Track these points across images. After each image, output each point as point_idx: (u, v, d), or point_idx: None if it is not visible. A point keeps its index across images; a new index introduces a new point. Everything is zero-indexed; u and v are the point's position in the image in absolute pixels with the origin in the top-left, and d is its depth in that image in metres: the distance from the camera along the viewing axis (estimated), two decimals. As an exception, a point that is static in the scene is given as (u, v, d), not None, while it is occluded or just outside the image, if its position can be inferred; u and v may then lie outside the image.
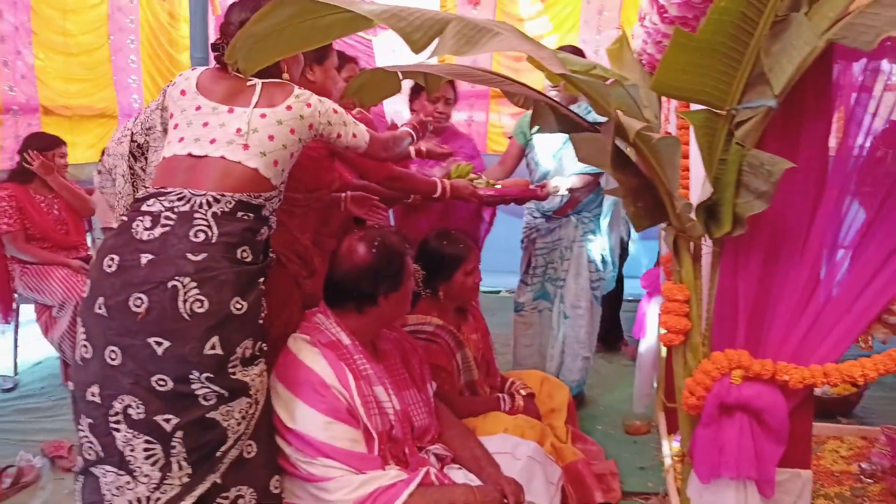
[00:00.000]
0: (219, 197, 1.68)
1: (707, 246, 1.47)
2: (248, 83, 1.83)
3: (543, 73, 2.01)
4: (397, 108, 5.50)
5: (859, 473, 2.43)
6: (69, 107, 4.64)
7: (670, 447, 2.63)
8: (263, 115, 1.78)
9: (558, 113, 1.43)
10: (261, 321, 1.75)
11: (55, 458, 2.86)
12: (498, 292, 5.52)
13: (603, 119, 1.48)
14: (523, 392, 2.60)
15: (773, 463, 1.40)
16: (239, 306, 1.65)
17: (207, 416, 1.64)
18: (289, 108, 1.80)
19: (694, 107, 1.50)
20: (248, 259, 1.71)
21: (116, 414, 1.61)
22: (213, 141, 1.75)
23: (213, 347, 1.61)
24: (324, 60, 2.24)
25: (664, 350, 2.86)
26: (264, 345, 1.78)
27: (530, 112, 3.29)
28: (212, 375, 1.62)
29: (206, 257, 1.62)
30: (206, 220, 1.65)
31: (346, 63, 2.90)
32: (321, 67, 2.23)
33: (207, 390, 1.62)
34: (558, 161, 3.10)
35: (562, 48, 2.70)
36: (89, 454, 1.67)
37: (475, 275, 2.56)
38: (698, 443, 1.43)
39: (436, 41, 1.29)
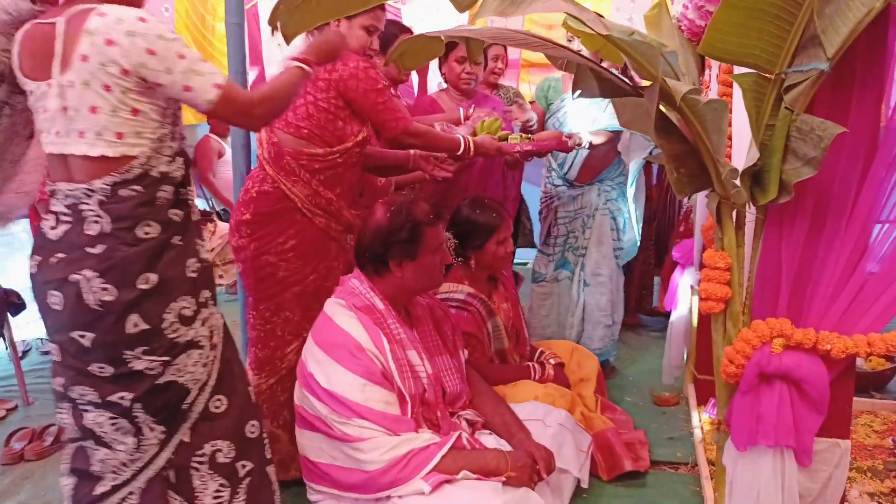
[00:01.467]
0: (93, 188, 1.53)
1: (751, 213, 1.45)
2: (56, 25, 1.47)
3: (579, 40, 1.98)
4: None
5: (893, 448, 2.41)
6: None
7: (700, 418, 2.64)
8: (72, 85, 1.47)
9: (601, 77, 1.41)
10: (193, 274, 1.64)
11: (94, 417, 2.94)
12: (525, 264, 5.51)
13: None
14: (553, 361, 2.61)
15: (811, 432, 1.39)
16: (146, 281, 1.56)
17: (158, 382, 1.62)
18: (84, 58, 1.43)
19: (738, 70, 1.47)
20: (153, 234, 1.57)
21: (79, 399, 1.63)
22: (57, 133, 1.55)
23: (135, 325, 1.56)
24: (353, 17, 2.17)
25: (695, 321, 2.85)
26: (209, 292, 1.70)
27: (552, 77, 3.28)
28: (147, 348, 1.58)
29: (105, 248, 1.54)
30: (95, 211, 1.54)
31: (402, 33, 2.87)
32: (348, 23, 2.17)
33: (148, 362, 1.58)
34: (588, 123, 3.09)
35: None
36: (69, 434, 1.71)
37: (507, 244, 2.56)
38: (736, 411, 1.43)
39: (480, 2, 1.27)
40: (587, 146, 2.99)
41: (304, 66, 1.76)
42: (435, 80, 5.09)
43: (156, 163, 1.57)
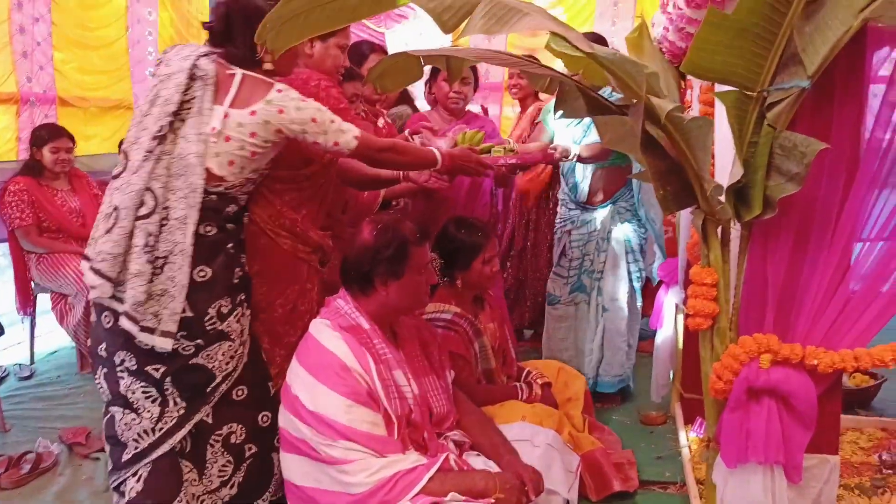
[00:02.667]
0: None
1: (735, 230, 1.46)
2: (229, 71, 1.89)
3: (562, 62, 2.01)
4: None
5: (879, 464, 2.41)
6: (86, 98, 4.64)
7: (688, 437, 2.63)
8: (227, 116, 1.85)
9: (586, 95, 1.42)
10: (236, 280, 1.98)
11: (73, 444, 2.87)
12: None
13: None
14: (540, 381, 2.59)
15: (801, 448, 1.39)
16: (203, 274, 1.88)
17: (190, 363, 1.91)
18: (253, 113, 1.85)
19: (720, 88, 1.49)
20: (212, 232, 1.90)
21: (119, 365, 1.91)
22: None
23: (183, 311, 1.86)
24: (328, 38, 2.18)
25: (681, 340, 2.86)
26: (243, 296, 2.02)
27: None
28: (185, 333, 1.87)
29: None
30: None
31: (372, 52, 2.88)
32: (323, 44, 2.17)
33: (183, 344, 1.88)
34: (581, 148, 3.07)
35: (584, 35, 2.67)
36: (103, 396, 1.99)
37: (493, 263, 2.55)
38: (725, 428, 1.43)
39: (465, 22, 1.28)
40: (574, 158, 2.97)
41: (438, 157, 2.20)
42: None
43: (236, 191, 1.94)
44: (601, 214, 3.15)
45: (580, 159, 2.99)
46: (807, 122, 1.36)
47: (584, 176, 3.14)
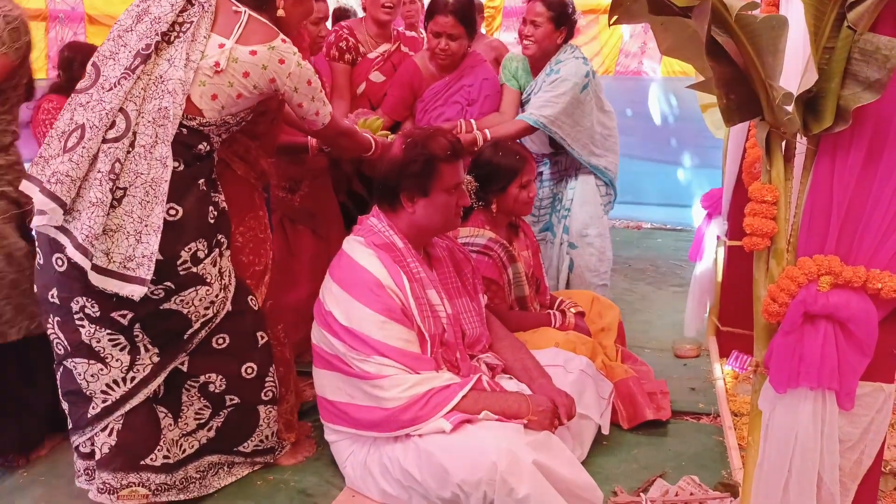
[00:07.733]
0: None
1: (801, 144, 1.36)
2: (235, 8, 1.81)
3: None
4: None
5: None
6: (113, 16, 4.56)
7: (723, 370, 2.59)
8: (221, 46, 1.76)
9: (647, -7, 1.31)
10: (211, 220, 1.82)
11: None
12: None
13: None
14: (573, 310, 2.56)
15: (856, 374, 1.33)
16: (173, 212, 1.72)
17: (161, 308, 1.75)
18: (253, 52, 1.77)
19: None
20: (179, 168, 1.75)
21: (77, 312, 1.72)
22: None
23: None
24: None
25: (720, 273, 2.79)
26: (221, 237, 1.86)
27: (517, 55, 3.03)
28: (154, 277, 1.67)
29: None
30: None
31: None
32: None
33: (151, 288, 1.68)
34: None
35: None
36: (59, 349, 1.80)
37: (530, 188, 2.48)
38: (777, 352, 1.37)
39: None
40: (482, 142, 2.73)
41: (373, 146, 2.29)
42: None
43: (211, 131, 1.81)
44: (567, 155, 3.05)
45: (498, 139, 2.72)
46: (891, 25, 1.24)
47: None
